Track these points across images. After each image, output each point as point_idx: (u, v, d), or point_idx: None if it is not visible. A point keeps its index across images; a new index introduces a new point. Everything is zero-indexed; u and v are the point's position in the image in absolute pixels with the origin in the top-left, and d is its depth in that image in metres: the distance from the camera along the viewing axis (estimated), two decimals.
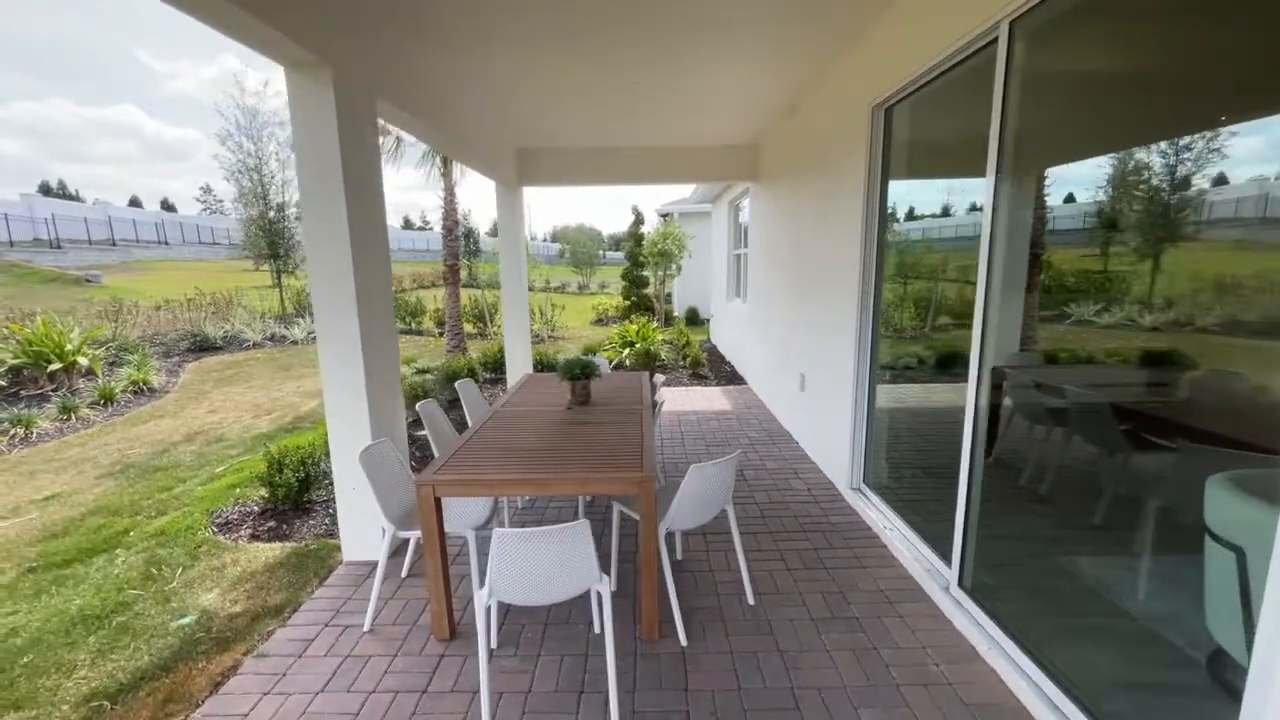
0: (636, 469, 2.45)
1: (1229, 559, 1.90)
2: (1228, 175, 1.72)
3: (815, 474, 4.36)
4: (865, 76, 3.45)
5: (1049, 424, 2.83)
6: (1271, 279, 1.71)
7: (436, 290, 20.56)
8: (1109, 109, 2.03)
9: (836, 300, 3.96)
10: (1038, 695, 2.07)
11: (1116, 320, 2.24)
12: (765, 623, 2.60)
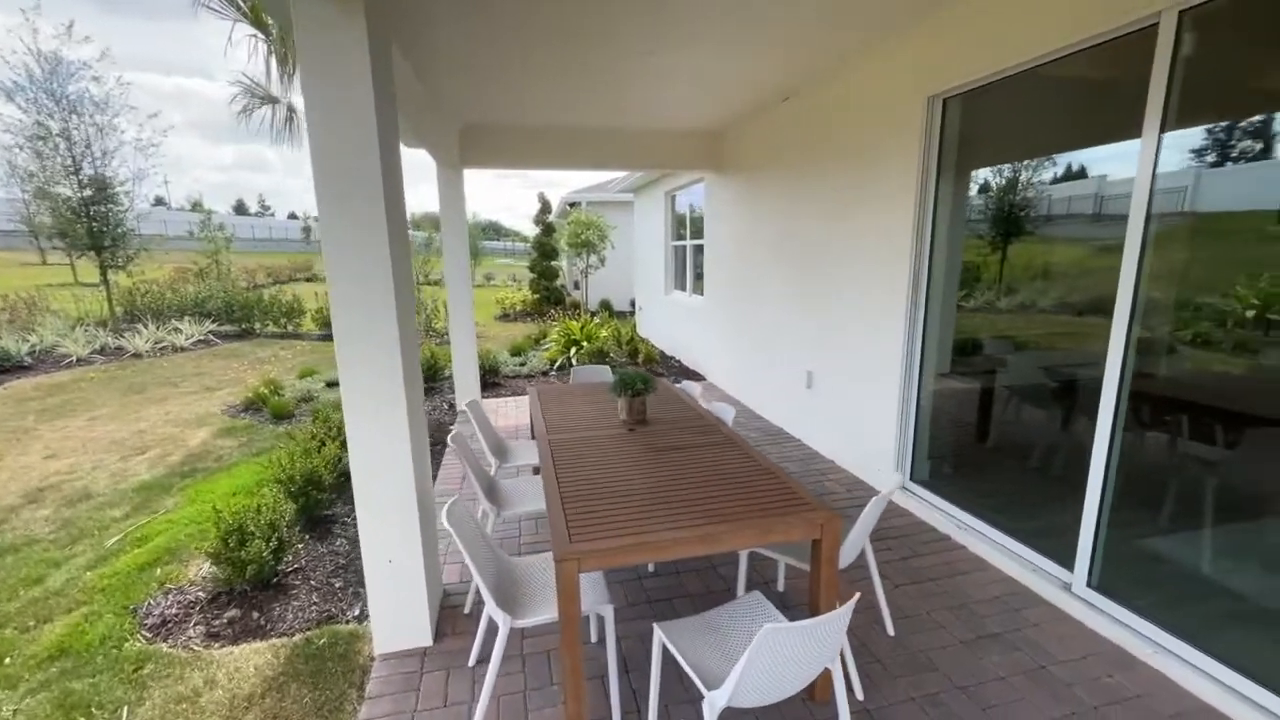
0: (804, 507, 2.09)
1: None
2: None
3: (842, 474, 4.26)
4: (920, 68, 3.31)
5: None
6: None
7: (315, 286, 17.99)
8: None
9: (876, 295, 3.85)
10: (1219, 688, 2.06)
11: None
12: (921, 656, 2.37)
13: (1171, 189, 5.21)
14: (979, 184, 3.51)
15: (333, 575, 3.10)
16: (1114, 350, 2.47)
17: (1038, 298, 6.84)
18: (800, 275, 4.85)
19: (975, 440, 4.60)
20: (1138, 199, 2.34)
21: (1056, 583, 2.72)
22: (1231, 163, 6.16)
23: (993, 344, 5.56)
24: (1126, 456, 2.60)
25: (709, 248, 7.10)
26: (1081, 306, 3.97)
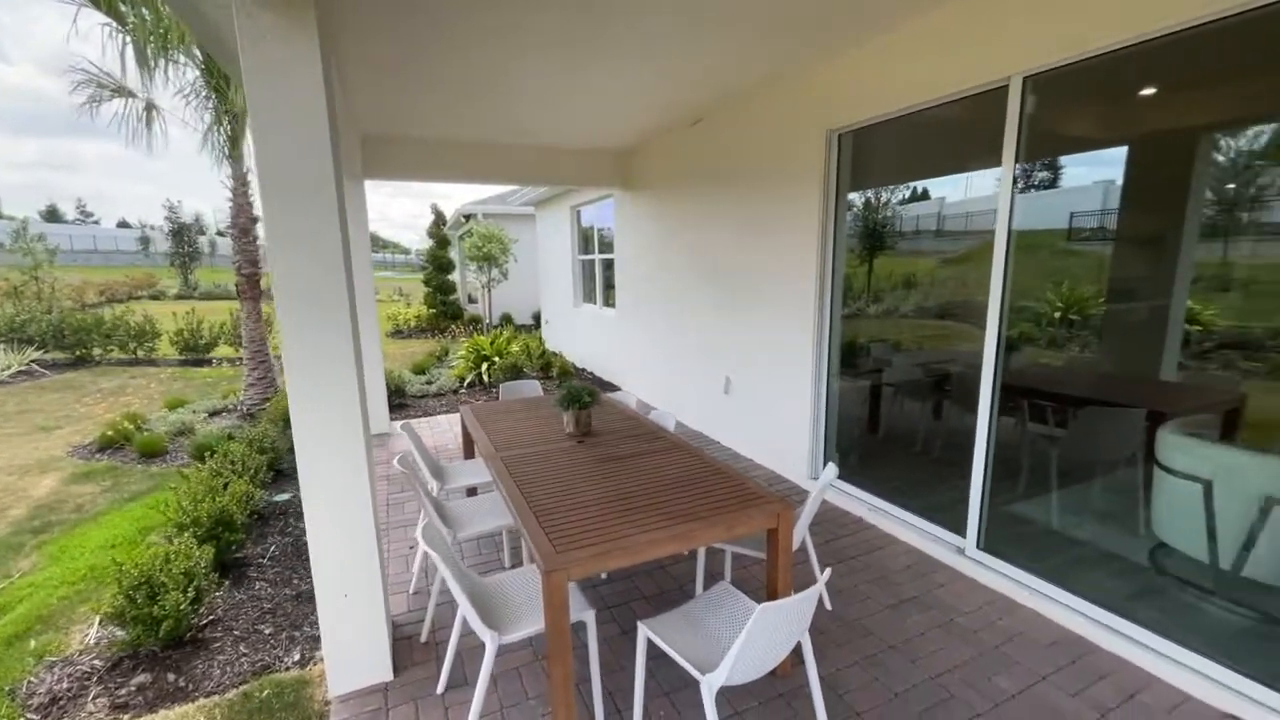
0: (761, 500, 2.31)
1: (1183, 485, 2.59)
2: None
3: (763, 470, 4.62)
4: (821, 105, 3.75)
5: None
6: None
7: (167, 305, 15.81)
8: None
9: (788, 306, 4.24)
10: (1080, 617, 2.57)
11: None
12: (857, 624, 2.69)
13: (987, 211, 6.14)
14: (854, 205, 4.03)
15: (259, 621, 2.85)
16: (989, 347, 2.97)
17: (901, 304, 7.75)
18: (717, 288, 5.19)
19: (869, 431, 5.18)
20: (1001, 217, 2.85)
21: (953, 548, 3.19)
22: (1034, 190, 7.38)
23: (877, 347, 6.28)
24: (998, 437, 3.12)
25: (620, 262, 7.31)
26: (936, 310, 4.67)
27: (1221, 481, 2.47)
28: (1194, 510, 2.57)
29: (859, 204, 7.91)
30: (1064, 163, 7.91)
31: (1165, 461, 2.71)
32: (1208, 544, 2.53)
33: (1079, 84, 2.72)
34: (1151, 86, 3.88)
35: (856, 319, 9.57)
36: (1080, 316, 6.44)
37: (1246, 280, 4.68)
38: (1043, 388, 4.41)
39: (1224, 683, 2.16)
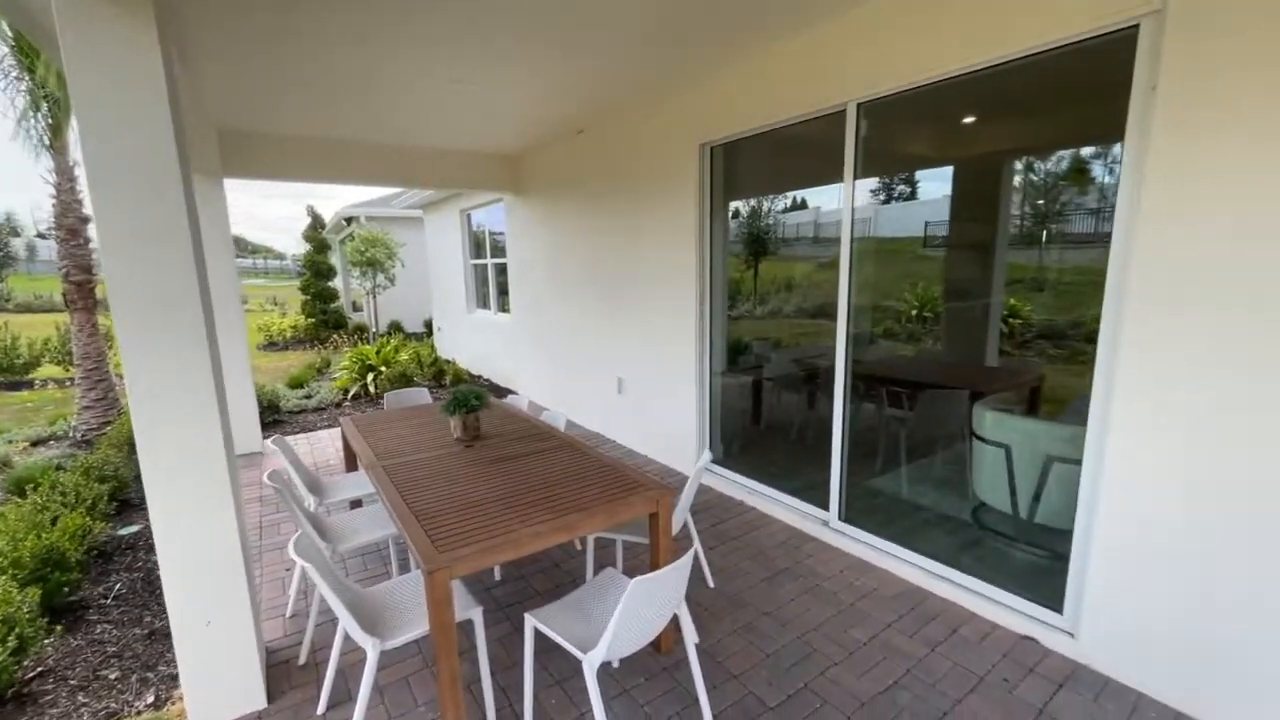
0: (642, 488, 2.46)
1: (992, 451, 3.09)
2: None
3: (656, 465, 4.83)
4: (694, 121, 4.02)
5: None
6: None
7: None
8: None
9: (673, 308, 4.48)
10: (920, 571, 2.99)
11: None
12: (736, 597, 2.93)
13: (859, 219, 6.84)
14: (736, 214, 4.37)
15: (102, 667, 2.56)
16: (839, 342, 3.34)
17: (784, 305, 8.39)
18: (607, 292, 5.34)
19: (753, 423, 5.57)
20: (845, 227, 3.22)
21: (819, 522, 3.55)
22: (895, 201, 8.33)
23: (756, 345, 6.75)
24: (854, 422, 3.52)
25: (513, 267, 7.26)
26: (813, 310, 5.14)
27: (1018, 446, 2.98)
28: (1000, 471, 3.07)
29: (745, 211, 8.41)
30: (920, 177, 8.89)
31: (980, 432, 3.20)
32: (1010, 499, 3.04)
33: (906, 111, 3.15)
34: (966, 116, 4.55)
35: (743, 320, 10.14)
36: (932, 313, 7.35)
37: (1055, 281, 5.60)
38: (897, 376, 5.00)
39: (1022, 611, 2.62)
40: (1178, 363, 2.03)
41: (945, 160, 5.56)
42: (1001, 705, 2.20)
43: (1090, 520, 2.33)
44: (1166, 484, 2.10)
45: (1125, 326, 2.15)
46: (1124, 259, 2.15)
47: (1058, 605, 2.51)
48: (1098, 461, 2.29)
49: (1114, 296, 2.21)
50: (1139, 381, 2.13)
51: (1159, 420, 2.09)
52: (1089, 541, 2.33)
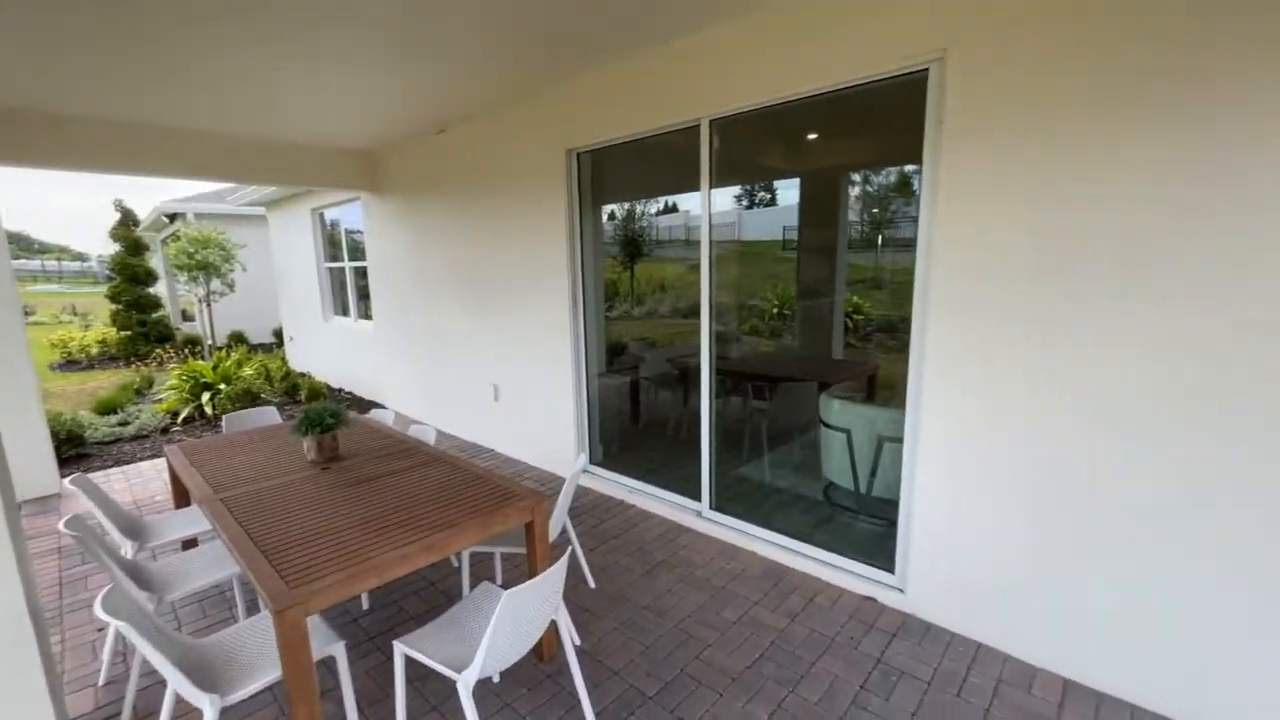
0: (516, 497, 2.44)
1: (836, 435, 3.46)
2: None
3: (537, 471, 4.79)
4: (560, 126, 4.04)
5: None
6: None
7: None
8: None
9: (546, 312, 4.46)
10: (781, 549, 3.28)
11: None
12: (616, 595, 3.00)
13: (726, 224, 7.25)
14: (612, 216, 4.47)
15: None
16: (704, 340, 3.55)
17: (659, 305, 8.69)
18: (479, 297, 5.19)
19: (632, 422, 5.72)
20: (703, 232, 3.43)
21: (693, 513, 3.74)
22: (756, 207, 8.94)
23: (633, 345, 6.93)
24: (722, 416, 3.76)
25: (374, 271, 6.79)
26: (686, 310, 5.37)
27: (857, 430, 3.37)
28: (844, 453, 3.45)
29: (619, 214, 8.53)
30: (778, 185, 9.53)
31: (826, 419, 3.57)
32: (853, 477, 3.43)
33: (754, 128, 3.42)
34: (808, 134, 5.02)
35: (621, 321, 10.29)
36: (790, 311, 7.99)
37: (890, 280, 6.33)
38: (759, 370, 5.40)
39: (865, 575, 2.97)
40: (964, 348, 2.43)
41: (793, 172, 6.10)
42: (848, 660, 2.49)
43: (911, 489, 2.71)
44: (966, 452, 2.50)
45: (929, 320, 2.53)
46: (926, 262, 2.53)
47: (891, 566, 2.88)
48: (914, 438, 2.67)
49: (920, 295, 2.59)
50: (940, 366, 2.52)
51: (955, 397, 2.49)
52: (911, 508, 2.71)
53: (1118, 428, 2.11)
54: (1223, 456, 1.93)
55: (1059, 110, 2.09)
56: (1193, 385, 1.95)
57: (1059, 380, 2.22)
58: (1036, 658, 2.42)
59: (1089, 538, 2.23)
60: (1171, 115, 1.89)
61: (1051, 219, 2.16)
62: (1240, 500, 1.91)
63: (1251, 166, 1.79)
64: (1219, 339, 1.89)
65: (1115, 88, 1.98)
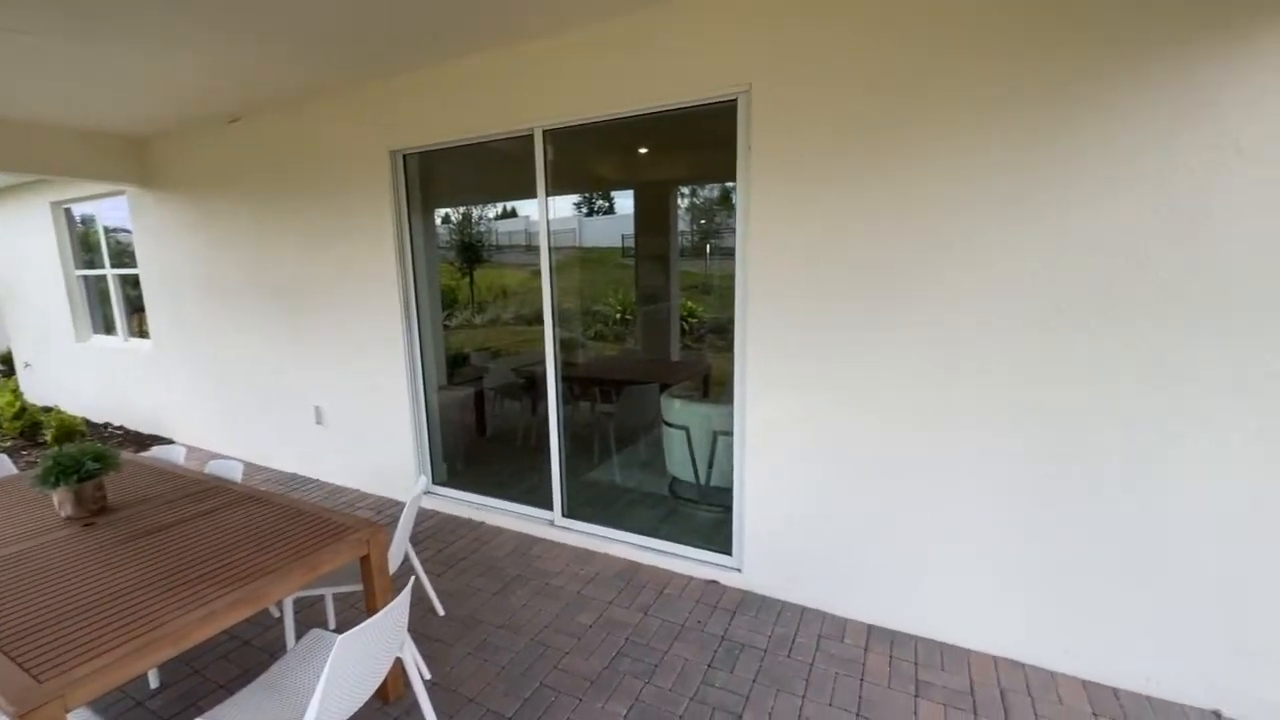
0: (348, 530, 2.22)
1: (677, 432, 3.71)
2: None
3: (372, 498, 4.39)
4: (383, 125, 3.75)
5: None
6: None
7: None
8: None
9: (375, 323, 4.11)
10: (632, 548, 3.41)
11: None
12: (468, 618, 2.88)
13: (567, 230, 7.39)
14: (447, 221, 4.27)
15: None
16: (548, 346, 3.55)
17: (502, 312, 8.52)
18: (291, 309, 4.60)
19: (478, 435, 5.52)
20: (542, 240, 3.43)
21: (545, 522, 3.72)
22: (597, 215, 9.15)
23: (476, 355, 6.71)
24: (570, 422, 3.79)
25: (150, 279, 5.66)
26: (530, 317, 5.32)
27: (694, 426, 3.62)
28: (684, 449, 3.69)
29: (456, 218, 8.13)
30: (616, 195, 9.79)
31: (667, 418, 3.78)
32: (693, 470, 3.68)
33: (588, 140, 3.51)
34: (640, 148, 5.27)
35: (463, 330, 9.87)
36: (631, 316, 8.28)
37: (719, 285, 6.83)
38: (605, 374, 5.52)
39: (708, 560, 3.20)
40: (778, 347, 2.75)
41: (627, 184, 6.36)
42: (697, 642, 2.67)
43: (742, 476, 2.99)
44: (782, 439, 2.83)
45: (749, 322, 2.82)
46: (743, 270, 2.81)
47: (730, 549, 3.15)
48: (742, 429, 2.95)
49: (740, 299, 2.87)
50: (759, 363, 2.82)
51: (772, 391, 2.80)
52: (743, 493, 2.99)
53: (897, 416, 2.55)
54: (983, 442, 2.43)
55: (847, 140, 2.47)
56: (955, 379, 2.43)
57: (853, 375, 2.61)
58: (846, 611, 2.82)
59: (874, 507, 2.66)
60: (940, 147, 2.34)
61: (843, 234, 2.54)
62: (976, 472, 2.43)
63: (978, 200, 2.28)
64: (977, 339, 2.38)
65: (897, 121, 2.39)
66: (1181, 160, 1.97)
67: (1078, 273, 2.16)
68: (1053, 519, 2.34)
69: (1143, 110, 2.00)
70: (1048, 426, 2.29)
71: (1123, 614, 2.28)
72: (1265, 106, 1.86)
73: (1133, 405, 2.15)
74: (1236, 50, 1.87)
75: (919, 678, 2.42)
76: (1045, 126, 2.14)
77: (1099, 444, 2.22)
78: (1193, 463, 2.10)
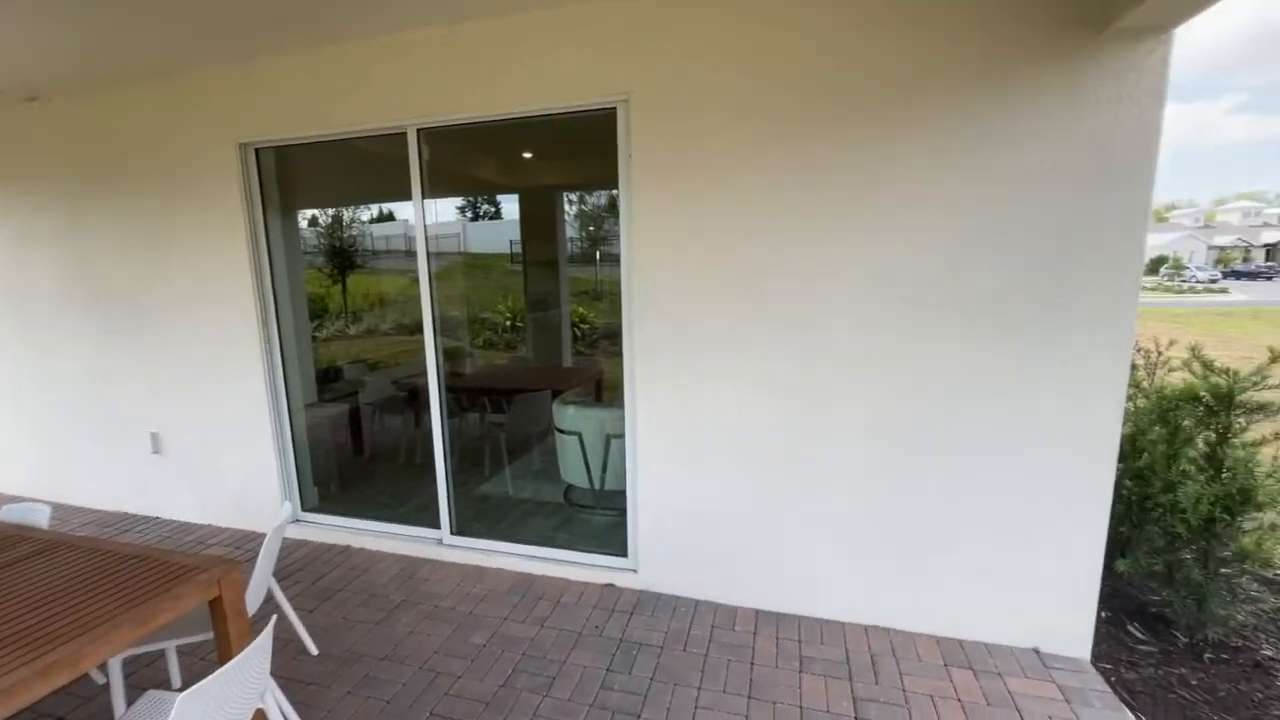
0: (192, 571, 1.95)
1: (570, 439, 3.70)
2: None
3: (227, 533, 3.90)
4: (231, 116, 3.36)
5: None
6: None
7: None
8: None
9: (225, 335, 3.66)
10: (526, 559, 3.32)
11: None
12: (347, 654, 2.64)
13: (451, 235, 7.12)
14: (315, 223, 3.90)
15: None
16: (429, 358, 3.37)
17: (380, 322, 8.04)
18: (115, 320, 3.96)
19: (355, 455, 5.11)
20: (419, 243, 3.26)
21: (433, 542, 3.52)
22: (483, 219, 8.94)
23: (350, 368, 6.22)
24: (458, 434, 3.62)
25: None
26: (412, 326, 5.04)
27: (588, 431, 3.62)
28: (578, 455, 3.67)
29: (326, 221, 7.49)
30: (503, 200, 9.51)
31: (559, 425, 3.74)
32: (588, 475, 3.67)
33: (468, 141, 3.38)
34: (524, 152, 5.19)
35: (335, 341, 9.13)
36: (522, 323, 8.07)
37: (609, 291, 6.86)
38: (495, 384, 5.35)
39: (605, 565, 3.20)
40: (664, 347, 2.83)
41: (512, 188, 6.22)
42: (595, 648, 2.66)
43: (635, 477, 3.03)
44: (668, 438, 2.91)
45: (635, 325, 2.87)
46: (629, 275, 2.86)
47: (625, 551, 3.17)
48: (633, 431, 2.99)
49: (626, 304, 2.92)
50: (646, 365, 2.88)
51: (659, 392, 2.88)
52: (636, 494, 3.03)
53: (770, 407, 2.72)
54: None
55: (721, 150, 2.60)
56: (819, 372, 2.64)
57: (730, 370, 2.75)
58: (737, 600, 2.95)
59: (754, 496, 2.82)
60: (795, 162, 2.52)
61: (719, 238, 2.67)
62: (839, 456, 2.66)
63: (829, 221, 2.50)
64: (836, 336, 2.59)
65: (763, 137, 2.55)
66: (972, 181, 2.31)
67: (911, 274, 2.45)
68: (897, 498, 2.62)
69: (950, 139, 2.31)
70: (901, 405, 2.57)
71: (955, 575, 2.61)
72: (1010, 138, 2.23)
73: (951, 394, 2.48)
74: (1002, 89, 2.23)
75: (803, 654, 2.59)
76: (875, 159, 2.40)
77: (935, 421, 2.52)
78: (997, 437, 2.45)
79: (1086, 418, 2.34)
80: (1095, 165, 2.20)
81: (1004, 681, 2.39)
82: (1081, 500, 2.40)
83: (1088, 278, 2.27)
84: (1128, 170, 2.18)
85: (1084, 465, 2.38)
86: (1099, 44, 2.13)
